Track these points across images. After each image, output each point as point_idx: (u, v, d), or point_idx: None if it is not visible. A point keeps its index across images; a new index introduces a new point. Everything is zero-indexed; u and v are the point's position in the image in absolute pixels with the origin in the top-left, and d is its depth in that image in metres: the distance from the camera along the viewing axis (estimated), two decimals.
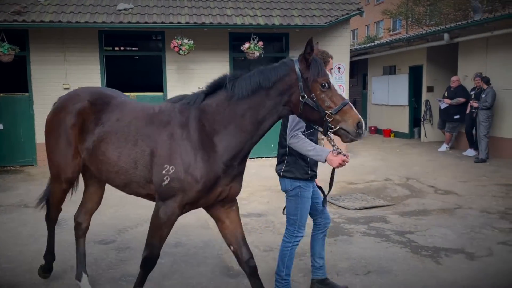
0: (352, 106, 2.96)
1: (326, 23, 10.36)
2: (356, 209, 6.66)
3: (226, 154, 3.07)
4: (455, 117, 11.23)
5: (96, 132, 3.41)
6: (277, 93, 3.02)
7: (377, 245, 5.04)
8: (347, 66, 11.47)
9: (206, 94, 3.19)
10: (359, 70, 18.45)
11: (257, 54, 10.03)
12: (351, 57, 16.26)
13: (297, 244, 3.70)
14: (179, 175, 3.03)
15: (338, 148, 3.15)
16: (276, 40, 11.96)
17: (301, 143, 3.38)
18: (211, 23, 9.83)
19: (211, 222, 5.94)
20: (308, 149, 3.36)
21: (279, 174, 3.66)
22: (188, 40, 9.67)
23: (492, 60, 10.59)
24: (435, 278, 4.16)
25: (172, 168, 3.05)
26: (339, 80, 11.35)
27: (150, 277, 4.19)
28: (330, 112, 2.89)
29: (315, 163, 3.61)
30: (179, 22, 9.72)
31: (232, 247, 3.39)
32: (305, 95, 2.93)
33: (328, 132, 2.92)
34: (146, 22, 9.62)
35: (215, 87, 3.18)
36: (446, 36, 11.24)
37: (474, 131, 10.63)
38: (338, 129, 2.89)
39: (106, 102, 3.54)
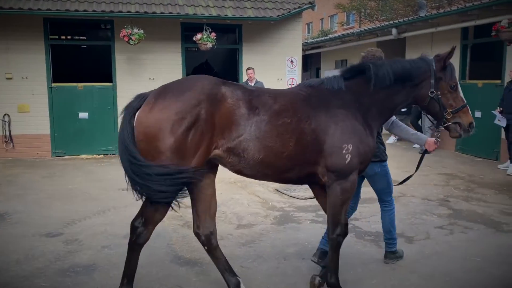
0: (469, 108, 3.60)
1: (278, 15, 10.58)
2: (306, 198, 6.93)
3: (375, 131, 3.63)
4: (402, 110, 11.75)
5: (255, 119, 3.21)
6: (412, 85, 3.56)
7: (324, 231, 5.31)
8: (300, 60, 11.76)
9: (345, 79, 3.56)
10: (312, 64, 18.93)
11: (209, 45, 10.11)
12: (305, 50, 16.66)
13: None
14: (359, 151, 3.39)
15: (439, 138, 3.95)
16: (229, 31, 12.09)
17: (404, 128, 4.25)
18: (162, 12, 9.81)
19: None
20: (411, 133, 4.25)
21: None
22: (138, 30, 9.60)
23: None
24: (375, 260, 4.47)
25: (350, 146, 3.35)
26: (292, 74, 11.64)
27: (97, 267, 4.27)
28: (450, 111, 3.53)
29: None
30: (128, 11, 9.63)
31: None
32: (434, 91, 3.52)
33: (441, 126, 3.64)
34: (94, 11, 9.46)
35: (355, 73, 3.60)
36: (394, 31, 11.78)
37: (420, 123, 11.24)
38: (451, 124, 3.57)
39: (241, 87, 3.37)
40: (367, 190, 7.33)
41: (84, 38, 13.24)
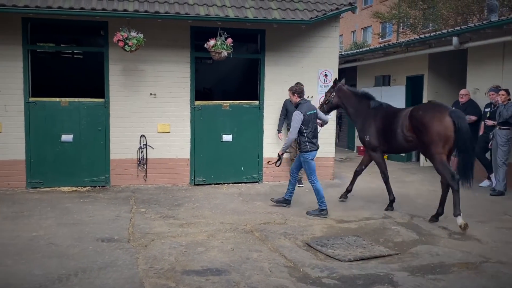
0: None
1: (311, 18, 9.26)
2: (350, 260, 5.46)
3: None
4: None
5: None
6: None
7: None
8: (336, 73, 10.40)
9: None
10: (347, 80, 17.44)
11: (225, 53, 8.83)
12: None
13: None
14: None
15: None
16: (249, 38, 10.85)
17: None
18: (167, 12, 8.58)
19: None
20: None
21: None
22: (137, 33, 8.39)
23: (510, 70, 9.71)
24: None
25: None
26: (325, 90, 10.23)
27: None
28: None
29: None
30: (125, 10, 8.43)
31: None
32: None
33: None
34: (82, 9, 8.29)
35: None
36: (455, 40, 10.32)
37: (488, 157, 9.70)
38: None
39: None
40: (433, 251, 5.59)
41: (73, 44, 12.12)
